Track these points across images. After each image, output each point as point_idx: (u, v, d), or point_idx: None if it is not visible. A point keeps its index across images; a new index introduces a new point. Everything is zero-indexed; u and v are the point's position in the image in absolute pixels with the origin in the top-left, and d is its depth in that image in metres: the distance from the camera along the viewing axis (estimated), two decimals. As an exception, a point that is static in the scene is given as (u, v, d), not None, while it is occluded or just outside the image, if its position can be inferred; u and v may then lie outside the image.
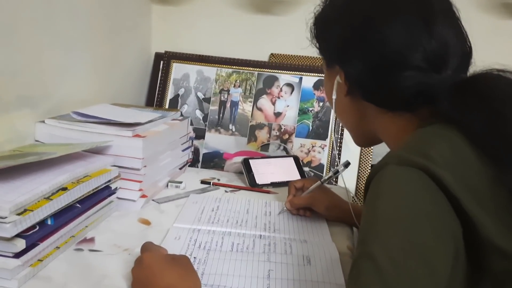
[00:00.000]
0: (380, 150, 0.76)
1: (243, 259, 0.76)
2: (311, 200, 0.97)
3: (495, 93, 0.57)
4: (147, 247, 0.69)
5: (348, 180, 1.36)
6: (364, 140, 0.79)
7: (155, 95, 1.45)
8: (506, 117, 0.54)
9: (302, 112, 1.38)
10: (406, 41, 0.62)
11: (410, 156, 0.53)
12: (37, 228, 0.66)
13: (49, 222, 0.69)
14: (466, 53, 0.64)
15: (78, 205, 0.77)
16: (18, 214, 0.63)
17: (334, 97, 0.74)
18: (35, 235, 0.66)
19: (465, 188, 0.50)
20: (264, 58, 1.51)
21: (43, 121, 0.95)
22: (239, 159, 1.24)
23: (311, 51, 0.77)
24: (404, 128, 0.65)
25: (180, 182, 1.11)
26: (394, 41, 0.62)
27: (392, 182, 0.52)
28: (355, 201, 1.38)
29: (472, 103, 0.57)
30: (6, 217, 0.61)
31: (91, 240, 0.80)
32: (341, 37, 0.68)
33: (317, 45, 0.75)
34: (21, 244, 0.63)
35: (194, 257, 0.76)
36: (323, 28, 0.73)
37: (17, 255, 0.63)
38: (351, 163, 0.96)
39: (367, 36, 0.64)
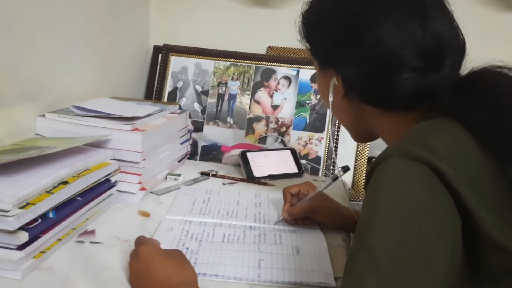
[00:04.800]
0: (378, 143, 0.77)
1: (234, 249, 0.78)
2: (310, 209, 0.88)
3: (497, 88, 0.57)
4: (142, 241, 0.70)
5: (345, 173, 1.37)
6: (362, 137, 0.78)
7: (154, 88, 1.46)
8: (509, 111, 0.54)
9: (300, 105, 1.40)
10: (400, 40, 0.60)
11: (413, 148, 0.52)
12: (39, 221, 0.68)
13: (50, 215, 0.71)
14: (460, 46, 0.63)
15: (78, 198, 0.78)
16: (21, 208, 0.64)
17: (330, 99, 0.71)
18: (37, 228, 0.68)
19: (466, 182, 0.50)
20: (262, 51, 1.52)
21: (44, 115, 0.96)
22: (237, 151, 1.25)
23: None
24: (404, 126, 0.63)
25: (179, 175, 1.12)
26: (387, 40, 0.60)
27: (394, 176, 0.52)
28: (352, 193, 1.41)
29: (474, 97, 0.56)
30: (9, 211, 0.62)
31: (92, 232, 0.82)
32: (332, 40, 0.66)
33: (308, 46, 0.73)
34: (24, 236, 0.64)
35: (187, 248, 0.78)
36: (313, 29, 0.71)
37: (20, 247, 0.65)
38: (350, 168, 0.90)
39: (358, 37, 0.62)
